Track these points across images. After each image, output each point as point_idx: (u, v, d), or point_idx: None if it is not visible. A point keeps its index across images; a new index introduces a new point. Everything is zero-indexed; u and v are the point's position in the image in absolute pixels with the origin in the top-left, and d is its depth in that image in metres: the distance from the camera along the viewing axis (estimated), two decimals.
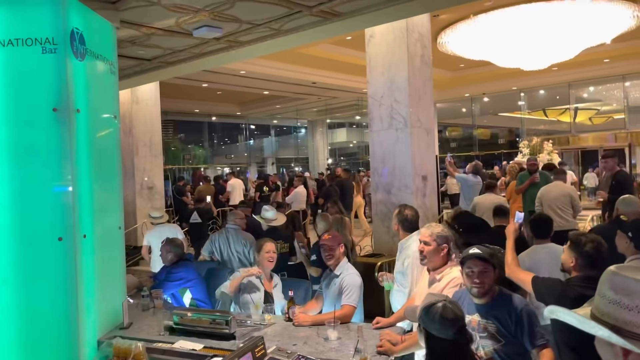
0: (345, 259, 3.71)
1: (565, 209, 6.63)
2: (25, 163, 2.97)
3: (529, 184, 7.51)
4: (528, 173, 7.82)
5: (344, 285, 3.48)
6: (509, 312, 2.56)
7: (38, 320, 2.99)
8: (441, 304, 2.00)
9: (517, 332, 2.53)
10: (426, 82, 7.51)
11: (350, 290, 3.45)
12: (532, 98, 17.92)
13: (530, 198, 7.29)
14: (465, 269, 2.65)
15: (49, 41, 2.96)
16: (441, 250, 3.05)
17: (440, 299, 2.04)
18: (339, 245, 3.65)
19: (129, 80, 7.06)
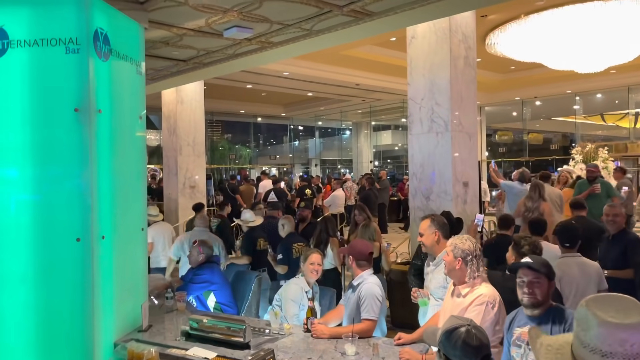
0: (367, 269, 3.51)
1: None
2: (45, 163, 2.98)
3: (587, 195, 6.97)
4: (587, 182, 7.29)
5: (361, 296, 3.31)
6: (561, 326, 2.39)
7: (55, 320, 2.99)
8: (464, 328, 1.81)
9: None
10: (469, 85, 7.20)
11: (367, 302, 3.27)
12: (588, 102, 17.03)
13: (588, 210, 6.61)
14: (517, 279, 2.52)
15: (72, 41, 2.96)
16: (457, 264, 2.85)
17: (464, 322, 1.85)
18: (349, 255, 3.48)
19: (166, 81, 7.15)
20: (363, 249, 3.54)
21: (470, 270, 2.80)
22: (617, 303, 1.09)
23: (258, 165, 23.50)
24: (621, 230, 4.42)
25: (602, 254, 4.52)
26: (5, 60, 2.94)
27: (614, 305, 1.08)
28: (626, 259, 4.23)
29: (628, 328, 1.02)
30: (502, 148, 20.65)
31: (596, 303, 1.10)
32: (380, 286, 3.41)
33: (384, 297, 3.51)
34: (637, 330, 1.02)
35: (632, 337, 1.01)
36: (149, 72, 6.52)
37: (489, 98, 16.76)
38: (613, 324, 1.03)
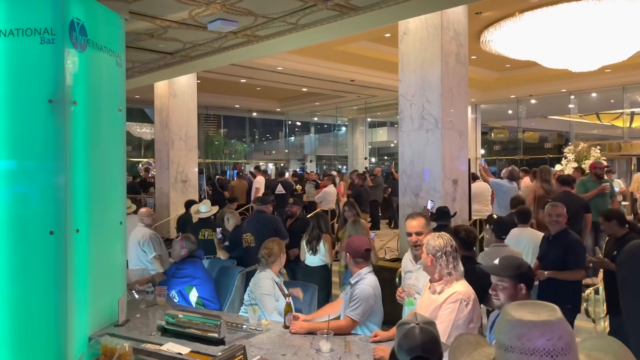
0: (364, 266, 3.44)
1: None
2: (19, 154, 2.95)
3: (594, 194, 6.71)
4: (594, 179, 6.98)
5: (354, 295, 3.25)
6: None
7: (28, 314, 2.97)
8: (411, 325, 1.80)
9: None
10: (460, 82, 7.17)
11: (356, 302, 3.22)
12: (584, 101, 17.01)
13: (595, 209, 6.49)
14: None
15: (47, 31, 2.92)
16: (428, 261, 2.83)
17: (415, 320, 1.83)
18: (346, 252, 3.45)
19: (155, 74, 7.11)
20: (359, 245, 3.45)
21: (440, 267, 2.78)
22: (535, 306, 1.15)
23: (253, 160, 23.44)
24: (562, 231, 4.35)
25: (542, 253, 4.51)
26: None
27: (530, 308, 1.13)
28: (566, 259, 4.20)
29: (527, 324, 1.08)
30: (497, 146, 20.62)
31: (515, 306, 1.17)
32: (376, 287, 3.35)
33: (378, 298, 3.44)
34: (535, 327, 1.07)
35: (529, 332, 1.07)
36: (136, 65, 6.46)
37: (484, 96, 16.72)
38: (515, 320, 1.10)
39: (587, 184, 7.10)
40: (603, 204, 6.75)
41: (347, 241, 3.68)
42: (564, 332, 1.08)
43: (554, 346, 1.05)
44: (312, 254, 5.51)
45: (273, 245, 3.94)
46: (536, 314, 1.10)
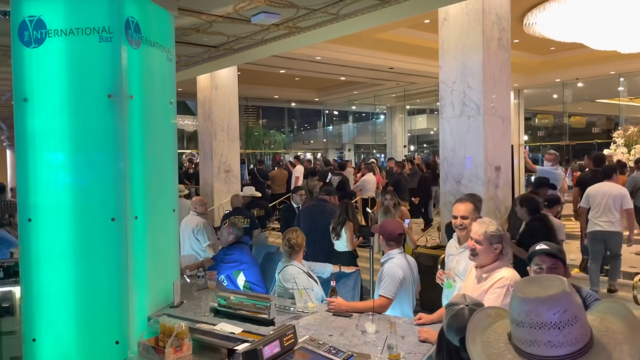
0: (395, 248, 3.59)
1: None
2: (82, 147, 3.15)
3: None
4: None
5: (382, 273, 3.41)
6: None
7: (93, 295, 3.18)
8: (460, 307, 1.86)
9: None
10: (503, 67, 7.07)
11: (385, 280, 3.38)
12: (633, 83, 16.31)
13: None
14: (533, 266, 2.53)
15: (105, 30, 3.10)
16: (494, 250, 2.86)
17: (465, 302, 1.90)
18: (380, 234, 3.57)
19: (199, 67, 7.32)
20: (392, 229, 3.62)
21: (493, 253, 2.81)
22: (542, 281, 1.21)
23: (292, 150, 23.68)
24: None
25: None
26: (44, 49, 3.10)
27: (538, 283, 1.20)
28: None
29: (534, 301, 1.14)
30: (542, 132, 20.08)
31: (524, 282, 1.24)
32: (404, 267, 3.45)
33: (410, 279, 3.55)
34: (542, 302, 1.13)
35: (536, 308, 1.13)
36: (182, 59, 6.68)
37: (527, 80, 16.27)
38: (522, 298, 1.16)
39: None
40: None
41: (380, 224, 3.79)
42: (570, 304, 1.13)
43: (561, 319, 1.11)
44: (336, 239, 5.61)
45: (297, 236, 3.94)
46: (543, 289, 1.15)
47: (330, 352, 2.58)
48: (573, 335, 1.12)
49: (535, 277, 1.26)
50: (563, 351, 1.12)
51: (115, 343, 3.16)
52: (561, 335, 1.11)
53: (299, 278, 3.71)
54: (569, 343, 1.12)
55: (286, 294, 3.78)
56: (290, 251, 3.88)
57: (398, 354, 2.58)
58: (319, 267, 4.27)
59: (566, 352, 1.12)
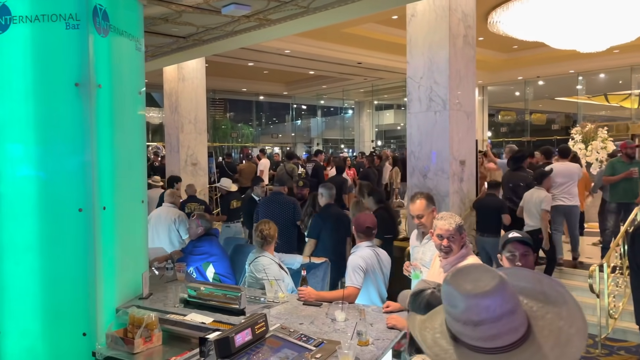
0: (364, 241, 3.68)
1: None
2: (48, 136, 3.09)
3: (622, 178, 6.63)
4: (625, 160, 6.80)
5: (347, 265, 3.50)
6: None
7: (60, 287, 3.14)
8: (430, 290, 1.93)
9: None
10: (468, 64, 7.23)
11: (349, 271, 3.49)
12: (592, 82, 16.95)
13: (623, 193, 6.66)
14: (506, 253, 2.63)
15: (72, 17, 3.04)
16: (461, 239, 2.96)
17: (431, 286, 1.97)
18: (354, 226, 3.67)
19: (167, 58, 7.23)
20: (362, 222, 3.72)
21: (457, 245, 2.91)
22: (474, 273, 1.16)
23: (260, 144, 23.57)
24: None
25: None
26: (8, 36, 3.03)
27: (470, 277, 1.15)
28: None
29: (487, 295, 1.09)
30: (504, 128, 20.62)
31: (455, 278, 1.17)
32: (368, 258, 3.54)
33: (377, 269, 3.63)
34: (494, 294, 1.10)
35: (493, 302, 1.09)
36: (149, 49, 6.57)
37: (491, 77, 16.69)
38: (473, 294, 1.10)
39: (615, 165, 6.90)
40: (631, 188, 6.67)
41: (355, 217, 3.88)
42: (505, 295, 1.11)
43: (498, 312, 1.09)
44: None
45: (270, 227, 3.96)
46: (479, 284, 1.11)
47: (301, 339, 2.63)
48: (510, 325, 1.11)
49: (464, 269, 1.20)
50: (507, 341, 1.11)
51: (83, 335, 3.12)
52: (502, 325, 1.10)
53: (270, 269, 3.74)
54: (508, 331, 1.10)
55: (257, 284, 3.81)
56: (262, 242, 3.91)
57: (367, 340, 2.65)
58: (289, 258, 4.31)
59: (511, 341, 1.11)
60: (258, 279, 3.77)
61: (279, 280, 3.58)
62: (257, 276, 3.78)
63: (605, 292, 5.22)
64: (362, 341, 2.61)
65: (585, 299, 5.65)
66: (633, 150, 7.00)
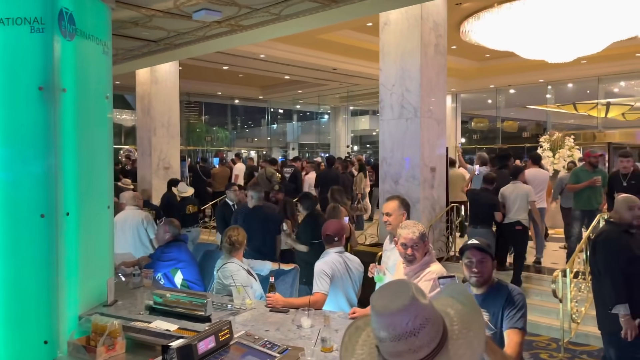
0: (331, 247, 3.71)
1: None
2: (10, 140, 3.03)
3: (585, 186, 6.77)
4: (588, 169, 6.93)
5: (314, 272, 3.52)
6: (502, 300, 2.58)
7: (21, 294, 3.07)
8: None
9: (504, 316, 2.53)
10: (439, 72, 7.37)
11: (315, 277, 3.51)
12: (560, 91, 17.40)
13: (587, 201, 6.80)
14: (464, 259, 2.68)
15: (37, 20, 3.01)
16: (424, 247, 3.02)
17: None
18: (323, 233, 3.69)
19: (139, 61, 7.17)
20: (324, 229, 3.76)
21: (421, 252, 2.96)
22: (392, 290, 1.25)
23: (235, 148, 23.45)
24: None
25: None
26: None
27: (389, 294, 1.24)
28: None
29: (388, 315, 1.18)
30: (477, 135, 20.97)
31: (376, 294, 1.26)
32: (334, 264, 3.57)
33: (345, 275, 3.66)
34: (394, 315, 1.18)
35: (391, 322, 1.18)
36: (120, 52, 6.51)
37: (465, 85, 16.98)
38: (381, 312, 1.20)
39: (579, 174, 7.01)
40: (595, 196, 6.83)
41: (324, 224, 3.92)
42: (419, 309, 1.19)
43: (414, 325, 1.18)
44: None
45: (238, 233, 3.97)
46: (393, 301, 1.20)
47: (266, 346, 2.64)
48: (428, 336, 1.19)
49: (385, 287, 1.28)
50: (423, 354, 1.19)
51: (44, 343, 3.06)
52: (418, 340, 1.18)
53: (238, 275, 3.74)
54: (426, 344, 1.19)
55: (224, 290, 3.80)
56: (230, 248, 3.90)
57: (331, 346, 2.67)
58: (258, 264, 4.31)
59: (425, 354, 1.19)
60: (226, 285, 3.76)
61: (247, 286, 3.58)
62: (225, 282, 3.77)
63: (568, 297, 5.35)
64: (326, 347, 2.63)
65: (549, 304, 5.80)
66: (596, 159, 7.17)
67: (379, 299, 1.23)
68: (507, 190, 6.63)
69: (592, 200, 6.89)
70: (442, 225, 7.54)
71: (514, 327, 2.48)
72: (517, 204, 6.47)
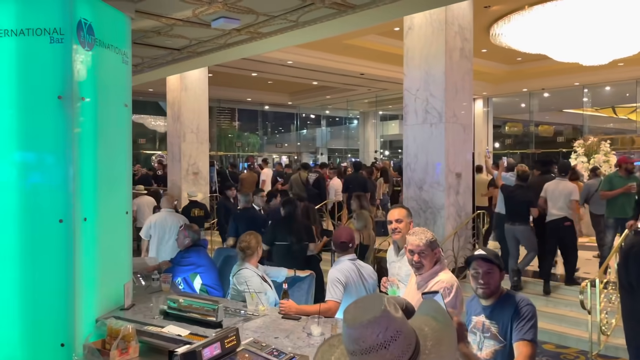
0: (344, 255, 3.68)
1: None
2: (30, 147, 3.13)
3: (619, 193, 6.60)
4: (623, 174, 6.73)
5: (327, 280, 3.50)
6: (510, 312, 2.51)
7: (39, 298, 3.15)
8: None
9: (513, 327, 2.47)
10: (465, 76, 7.25)
11: (328, 285, 3.49)
12: (598, 95, 16.85)
13: (621, 208, 6.61)
14: (471, 270, 2.64)
15: (56, 31, 3.09)
16: (434, 255, 2.96)
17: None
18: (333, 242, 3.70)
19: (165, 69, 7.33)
20: (337, 237, 3.74)
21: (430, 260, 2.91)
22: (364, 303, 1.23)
23: (266, 153, 23.66)
24: None
25: None
26: None
27: (360, 306, 1.22)
28: None
29: (357, 327, 1.17)
30: (510, 139, 20.53)
31: (349, 306, 1.25)
32: (347, 271, 3.53)
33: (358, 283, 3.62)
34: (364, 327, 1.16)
35: (360, 334, 1.16)
36: (145, 60, 6.67)
37: (496, 89, 16.66)
38: (351, 324, 1.18)
39: (613, 180, 6.83)
40: (629, 203, 6.61)
41: (335, 231, 3.91)
42: (389, 321, 1.18)
43: (385, 338, 1.16)
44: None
45: (251, 239, 3.99)
46: (363, 313, 1.18)
47: (273, 354, 2.63)
48: (400, 349, 1.17)
49: (358, 301, 1.28)
50: None
51: (61, 346, 3.13)
52: (389, 353, 1.16)
53: (252, 281, 3.76)
54: (397, 357, 1.17)
55: (239, 296, 3.82)
56: (242, 254, 3.93)
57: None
58: (274, 271, 4.32)
59: None
60: (240, 291, 3.78)
61: (260, 292, 3.59)
62: (239, 288, 3.79)
63: (598, 308, 5.16)
64: None
65: (579, 315, 5.60)
66: (632, 165, 6.95)
67: (350, 311, 1.22)
68: (551, 186, 6.51)
69: (627, 207, 6.63)
70: (468, 232, 7.39)
71: (523, 338, 2.41)
72: (561, 201, 6.33)
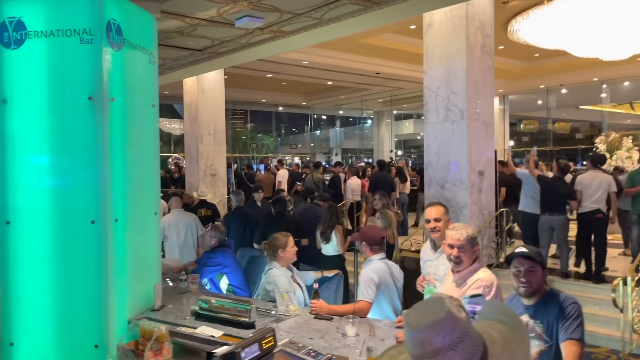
0: (376, 253, 3.63)
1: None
2: (62, 149, 3.13)
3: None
4: None
5: (359, 279, 3.44)
6: (555, 311, 2.45)
7: (72, 299, 3.15)
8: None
9: (559, 327, 2.40)
10: (486, 73, 7.16)
11: (361, 285, 3.43)
12: (616, 90, 16.59)
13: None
14: (512, 268, 2.57)
15: (86, 32, 3.09)
16: (474, 252, 2.91)
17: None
18: (361, 241, 3.61)
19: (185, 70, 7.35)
20: (374, 234, 3.67)
21: (468, 256, 2.85)
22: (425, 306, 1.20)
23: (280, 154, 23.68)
24: None
25: None
26: (23, 50, 3.08)
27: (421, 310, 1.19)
28: None
29: (422, 330, 1.14)
30: (526, 137, 20.31)
31: (411, 309, 1.22)
32: (381, 271, 3.48)
33: (390, 283, 3.57)
34: (429, 329, 1.13)
35: (426, 336, 1.13)
36: (166, 62, 6.68)
37: (513, 86, 16.48)
38: (415, 327, 1.15)
39: (635, 177, 6.86)
40: None
41: (362, 230, 3.85)
42: (455, 322, 1.14)
43: (451, 339, 1.12)
44: (326, 243, 5.70)
45: (273, 239, 3.97)
46: (427, 315, 1.15)
47: (310, 354, 2.59)
48: (468, 350, 1.14)
49: (419, 304, 1.25)
50: None
51: (95, 347, 3.13)
52: (457, 355, 1.13)
53: (279, 280, 3.73)
54: (466, 359, 1.14)
55: (267, 296, 3.79)
56: (268, 254, 3.93)
57: (377, 356, 2.59)
58: (301, 275, 4.27)
59: None
60: (268, 290, 3.76)
61: (290, 292, 3.55)
62: (267, 288, 3.77)
63: (630, 306, 5.05)
64: (371, 357, 2.55)
65: (609, 313, 5.49)
66: None
67: (412, 314, 1.19)
68: (587, 179, 6.41)
69: None
70: (492, 230, 7.29)
71: (571, 337, 2.34)
72: (598, 194, 6.24)
